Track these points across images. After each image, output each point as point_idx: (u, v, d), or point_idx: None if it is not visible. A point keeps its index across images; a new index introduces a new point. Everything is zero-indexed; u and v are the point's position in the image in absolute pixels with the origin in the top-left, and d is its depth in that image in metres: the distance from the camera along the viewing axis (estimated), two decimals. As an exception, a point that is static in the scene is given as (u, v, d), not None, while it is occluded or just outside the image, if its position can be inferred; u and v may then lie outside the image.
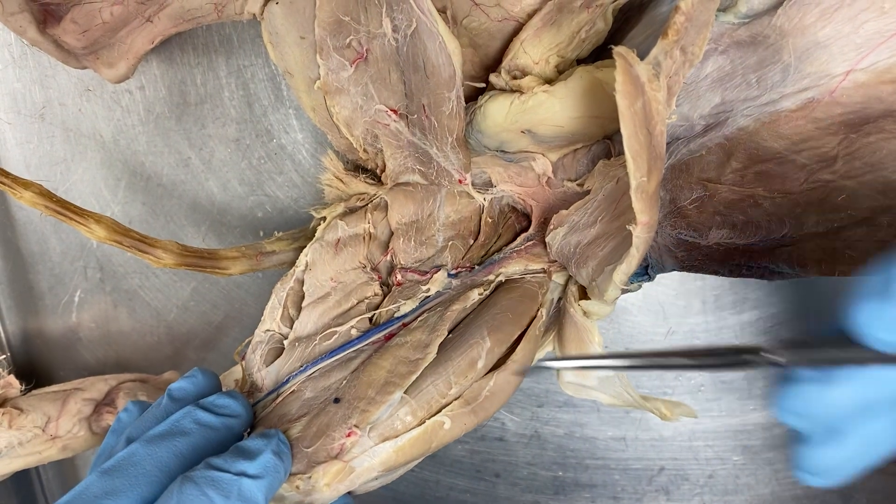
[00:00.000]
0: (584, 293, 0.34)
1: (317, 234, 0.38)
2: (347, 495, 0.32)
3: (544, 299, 0.35)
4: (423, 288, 0.36)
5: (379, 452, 0.30)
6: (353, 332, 0.36)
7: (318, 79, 0.35)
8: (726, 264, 0.33)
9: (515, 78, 0.32)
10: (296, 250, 0.40)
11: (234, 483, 0.28)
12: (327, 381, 0.34)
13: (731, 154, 0.31)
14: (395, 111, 0.35)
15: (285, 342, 0.37)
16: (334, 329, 0.36)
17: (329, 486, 0.30)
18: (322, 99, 0.36)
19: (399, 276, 0.37)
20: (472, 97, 0.34)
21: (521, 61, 0.32)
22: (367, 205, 0.39)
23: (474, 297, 0.36)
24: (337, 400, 0.32)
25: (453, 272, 0.37)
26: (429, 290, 0.36)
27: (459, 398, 0.32)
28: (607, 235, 0.31)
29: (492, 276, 0.37)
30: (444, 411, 0.31)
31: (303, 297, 0.37)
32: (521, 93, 0.31)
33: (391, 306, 0.36)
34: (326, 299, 0.37)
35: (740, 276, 0.33)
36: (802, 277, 0.31)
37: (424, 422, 0.31)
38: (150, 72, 0.44)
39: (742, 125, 0.30)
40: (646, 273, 0.35)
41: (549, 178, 0.35)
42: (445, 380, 0.32)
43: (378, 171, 0.39)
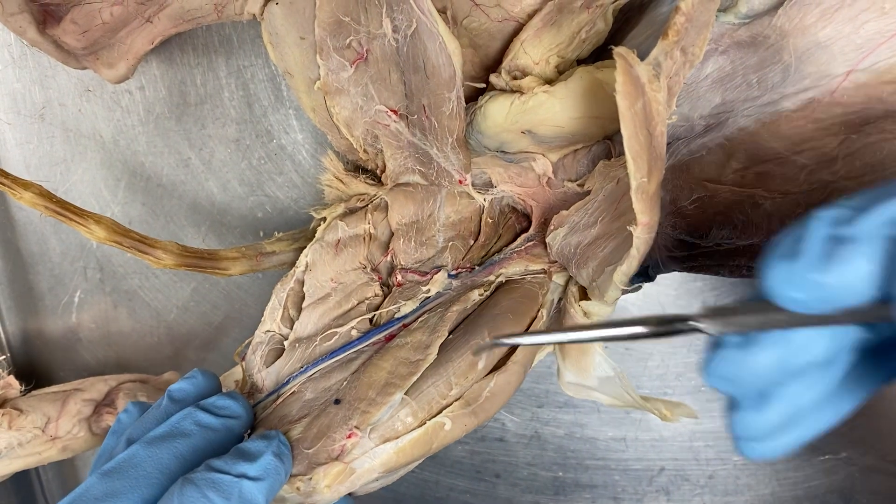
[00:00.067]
0: (584, 294, 0.34)
1: (317, 235, 0.38)
2: (348, 496, 0.32)
3: (545, 300, 0.35)
4: (424, 289, 0.36)
5: (379, 454, 0.30)
6: (354, 332, 0.36)
7: (318, 79, 0.35)
8: (726, 264, 0.33)
9: (516, 78, 0.32)
10: (296, 251, 0.40)
11: (234, 485, 0.28)
12: (328, 382, 0.34)
13: (732, 154, 0.31)
14: (395, 112, 0.35)
15: (285, 343, 0.37)
16: (335, 330, 0.36)
17: (330, 488, 0.30)
18: (322, 99, 0.36)
19: (399, 277, 0.37)
20: (473, 98, 0.34)
21: (521, 62, 0.32)
22: (367, 205, 0.38)
23: (475, 298, 0.36)
24: (337, 401, 0.32)
25: (453, 273, 0.37)
26: (429, 291, 0.36)
27: (460, 399, 0.32)
28: (608, 236, 0.31)
29: (492, 277, 0.37)
30: (444, 412, 0.31)
31: (303, 298, 0.37)
32: (522, 93, 0.31)
33: (391, 307, 0.36)
34: (327, 300, 0.37)
35: (740, 277, 0.32)
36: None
37: (425, 423, 0.31)
38: (150, 72, 0.44)
39: (742, 125, 0.30)
40: (646, 273, 0.35)
41: (550, 178, 0.35)
42: (446, 381, 0.32)
43: (378, 172, 0.39)
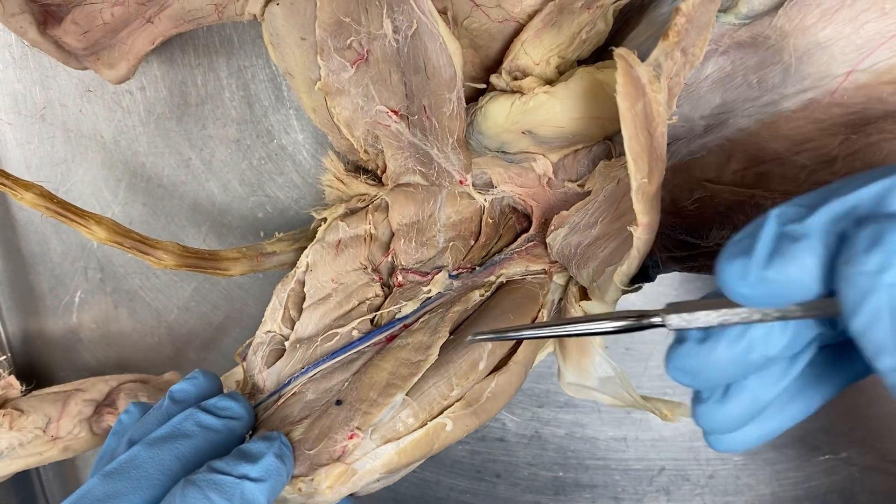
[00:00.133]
0: (584, 294, 0.34)
1: (318, 235, 0.38)
2: (350, 497, 0.32)
3: (545, 300, 0.35)
4: (425, 289, 0.36)
5: (381, 454, 0.30)
6: (355, 333, 0.36)
7: (319, 80, 0.35)
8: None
9: (516, 79, 0.32)
10: (297, 251, 0.40)
11: (236, 486, 0.28)
12: (329, 382, 0.34)
13: (732, 155, 0.31)
14: (395, 112, 0.35)
15: (286, 343, 0.37)
16: (336, 330, 0.36)
17: (331, 489, 0.30)
18: (323, 100, 0.36)
19: (400, 277, 0.37)
20: (473, 98, 0.34)
21: (521, 62, 0.32)
22: (367, 206, 0.38)
23: (475, 299, 0.36)
24: (339, 402, 0.32)
25: (454, 273, 0.37)
26: (430, 292, 0.36)
27: (461, 400, 0.32)
28: (608, 236, 0.31)
29: (493, 278, 0.37)
30: (445, 413, 0.31)
31: (304, 299, 0.37)
32: (522, 94, 0.31)
33: (392, 307, 0.36)
34: (327, 300, 0.37)
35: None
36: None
37: (426, 423, 0.31)
38: (151, 72, 0.44)
39: (742, 126, 0.30)
40: (646, 273, 0.35)
41: (550, 178, 0.35)
42: (447, 381, 0.32)
43: (379, 172, 0.39)
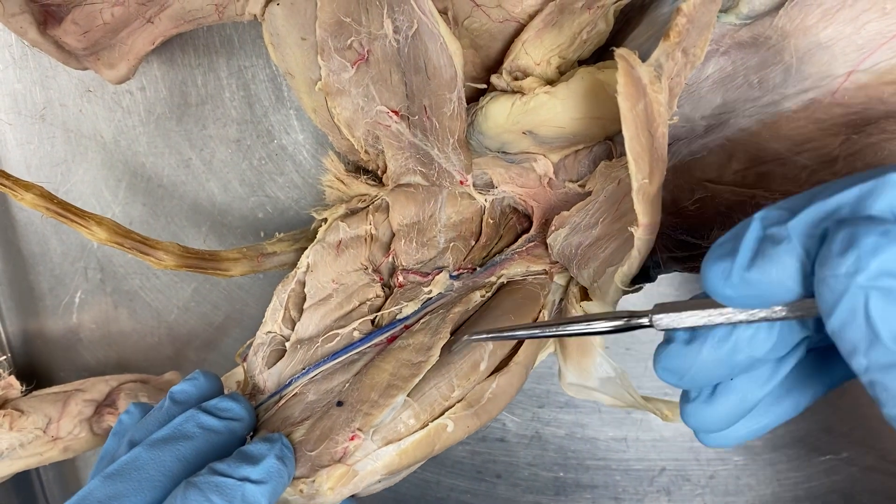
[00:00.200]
0: (585, 294, 0.34)
1: (318, 236, 0.38)
2: (351, 498, 0.32)
3: (546, 301, 0.35)
4: (425, 290, 0.36)
5: (382, 456, 0.30)
6: (356, 334, 0.36)
7: (320, 80, 0.35)
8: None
9: (517, 79, 0.32)
10: (297, 251, 0.40)
11: (237, 488, 0.28)
12: (330, 383, 0.34)
13: (733, 155, 0.31)
14: (396, 112, 0.35)
15: (287, 344, 0.37)
16: (336, 331, 0.36)
17: (333, 490, 0.30)
18: (323, 100, 0.36)
19: (401, 278, 0.37)
20: (474, 98, 0.34)
21: (522, 62, 0.32)
22: (368, 206, 0.38)
23: (476, 299, 0.36)
24: (340, 403, 0.32)
25: (455, 274, 0.37)
26: (431, 292, 0.36)
27: (462, 401, 0.32)
28: (609, 237, 0.31)
29: (493, 278, 0.37)
30: (446, 414, 0.31)
31: (304, 299, 0.37)
32: (523, 94, 0.31)
33: (393, 308, 0.36)
34: (328, 301, 0.37)
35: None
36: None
37: (427, 425, 0.31)
38: (151, 73, 0.44)
39: (743, 126, 0.30)
40: (647, 274, 0.34)
41: (551, 179, 0.35)
42: (448, 382, 0.32)
43: (379, 173, 0.39)
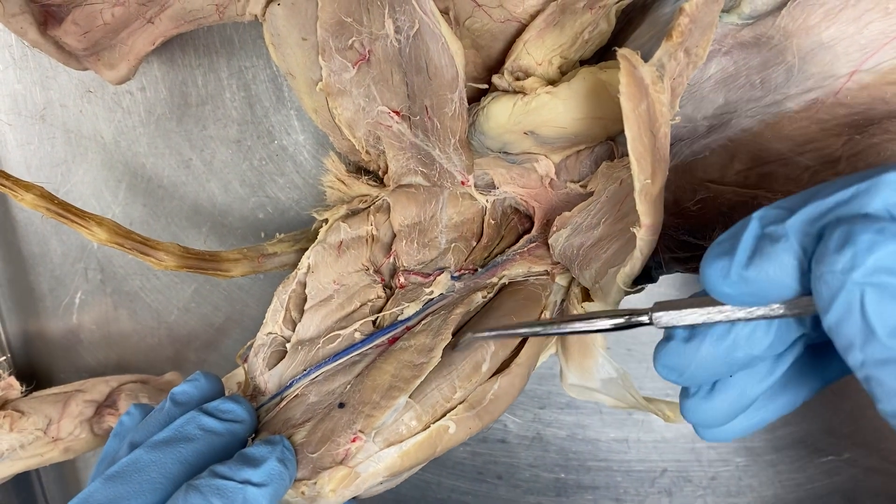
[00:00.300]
0: (587, 295, 0.34)
1: (319, 237, 0.38)
2: (352, 500, 0.32)
3: (547, 301, 0.35)
4: (427, 290, 0.36)
5: (384, 458, 0.30)
6: (357, 335, 0.36)
7: (320, 80, 0.35)
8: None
9: (518, 79, 0.32)
10: (298, 252, 0.40)
11: (238, 491, 0.27)
12: (331, 385, 0.34)
13: (735, 155, 0.31)
14: (397, 113, 0.34)
15: (288, 345, 0.37)
16: (337, 332, 0.35)
17: (334, 492, 0.30)
18: (324, 100, 0.36)
19: (402, 279, 0.37)
20: (475, 98, 0.34)
21: (523, 62, 0.31)
22: (369, 207, 0.38)
23: (478, 300, 0.35)
24: (341, 405, 0.32)
25: (456, 274, 0.37)
26: (432, 293, 0.36)
27: (464, 402, 0.32)
28: (611, 237, 0.31)
29: (495, 279, 0.37)
30: (448, 415, 0.31)
31: (305, 300, 0.37)
32: (524, 94, 0.31)
33: (394, 309, 0.36)
34: (329, 302, 0.37)
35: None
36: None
37: (429, 426, 0.31)
38: (152, 73, 0.44)
39: (745, 126, 0.30)
40: (649, 275, 0.34)
41: (552, 179, 0.35)
42: (450, 384, 0.31)
43: (380, 173, 0.39)
